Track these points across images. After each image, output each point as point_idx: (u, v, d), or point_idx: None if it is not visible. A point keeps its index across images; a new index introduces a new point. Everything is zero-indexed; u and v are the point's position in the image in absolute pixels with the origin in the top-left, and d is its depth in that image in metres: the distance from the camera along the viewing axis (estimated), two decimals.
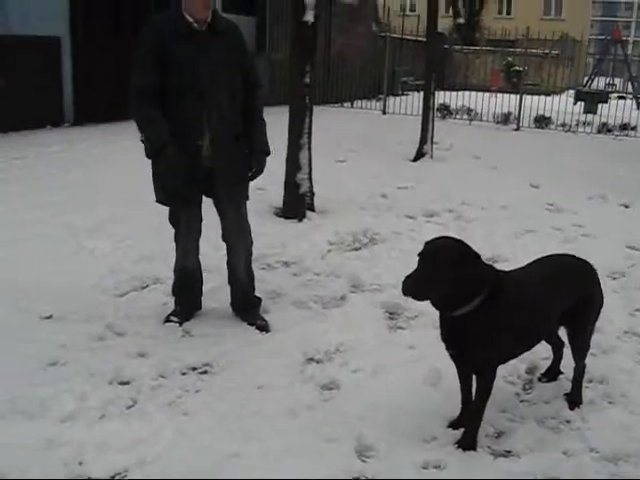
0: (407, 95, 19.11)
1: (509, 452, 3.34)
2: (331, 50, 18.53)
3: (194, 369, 4.00)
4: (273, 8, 16.77)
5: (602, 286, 3.88)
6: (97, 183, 8.02)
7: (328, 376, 3.97)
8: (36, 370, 3.84)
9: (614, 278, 5.97)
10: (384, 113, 17.62)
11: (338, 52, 18.66)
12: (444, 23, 34.06)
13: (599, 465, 3.26)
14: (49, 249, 5.75)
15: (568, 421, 3.63)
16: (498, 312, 3.19)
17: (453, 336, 3.28)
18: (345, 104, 18.14)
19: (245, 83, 4.33)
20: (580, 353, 3.78)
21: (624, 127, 16.59)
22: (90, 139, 10.89)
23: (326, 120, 11.54)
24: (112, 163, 9.12)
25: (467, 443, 3.31)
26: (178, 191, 4.28)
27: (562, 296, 3.56)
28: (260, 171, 4.44)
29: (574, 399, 3.78)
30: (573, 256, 3.89)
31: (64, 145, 10.29)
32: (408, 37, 22.10)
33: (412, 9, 40.23)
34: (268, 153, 4.44)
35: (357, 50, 19.78)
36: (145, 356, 4.09)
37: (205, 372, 3.98)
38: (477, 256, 3.18)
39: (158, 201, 4.40)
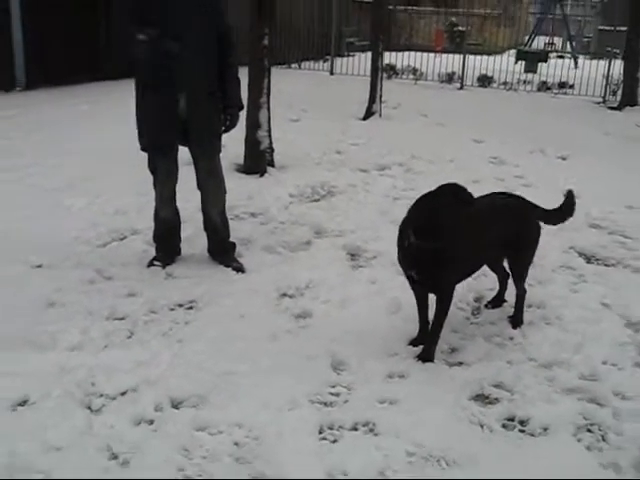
0: (353, 56, 19.46)
1: (461, 363, 3.91)
2: (277, 12, 18.69)
3: (180, 305, 4.46)
4: None
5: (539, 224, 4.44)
6: (59, 145, 8.29)
7: (301, 307, 4.48)
8: (39, 310, 4.26)
9: None
10: (332, 74, 17.96)
11: (284, 14, 18.87)
12: None
13: (536, 370, 3.85)
14: (25, 206, 6.06)
15: (511, 338, 4.21)
16: (458, 239, 3.71)
17: (420, 262, 3.78)
18: (293, 65, 18.41)
19: (220, 43, 4.74)
20: (519, 279, 4.37)
21: (562, 85, 17.28)
22: (45, 103, 11.04)
23: (276, 81, 11.82)
24: (72, 125, 9.38)
25: (426, 356, 3.86)
26: (158, 137, 4.70)
27: (505, 226, 4.12)
28: (234, 125, 4.90)
29: (516, 320, 4.37)
30: (516, 195, 4.46)
31: (19, 109, 10.42)
32: None
33: None
34: (241, 108, 4.91)
35: (303, 11, 20.00)
36: (135, 295, 4.53)
37: (191, 307, 4.45)
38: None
39: (142, 149, 4.81)
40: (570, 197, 4.55)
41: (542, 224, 4.46)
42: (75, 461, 2.95)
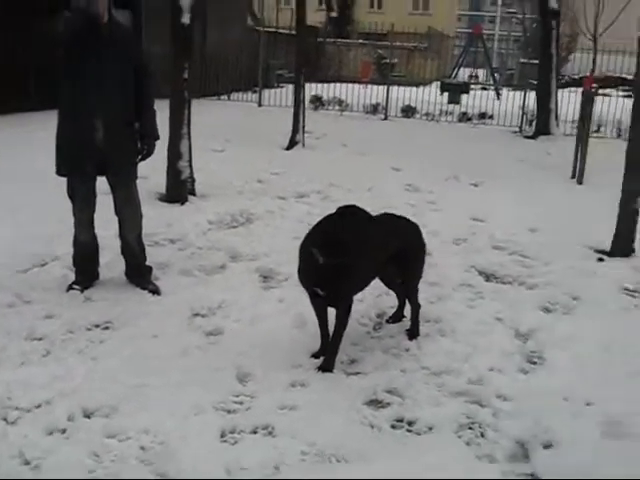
0: (282, 87, 19.90)
1: (359, 372, 4.22)
2: (207, 44, 19.06)
3: (97, 326, 4.67)
4: (147, 3, 17.14)
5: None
6: None
7: (213, 325, 4.74)
8: None
9: (457, 244, 7.00)
10: (260, 105, 18.35)
11: (214, 46, 19.21)
12: (317, 16, 35.16)
13: (428, 378, 4.19)
14: None
15: (407, 349, 4.54)
16: (359, 256, 4.05)
17: (325, 278, 4.10)
18: (222, 97, 18.73)
19: (137, 75, 5.02)
20: (412, 293, 4.74)
21: (482, 116, 18.05)
22: None
23: (203, 112, 12.18)
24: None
25: (326, 366, 4.16)
26: (76, 163, 4.94)
27: (395, 244, 4.48)
28: (150, 154, 5.18)
29: (412, 332, 4.71)
30: (401, 216, 4.89)
31: None
32: (282, 30, 22.89)
33: (287, 2, 41.02)
34: (157, 138, 5.18)
35: (232, 44, 20.38)
36: (53, 317, 4.72)
37: (107, 328, 4.66)
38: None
39: (58, 173, 5.03)
40: None
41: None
42: None
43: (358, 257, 4.07)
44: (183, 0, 7.47)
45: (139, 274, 5.36)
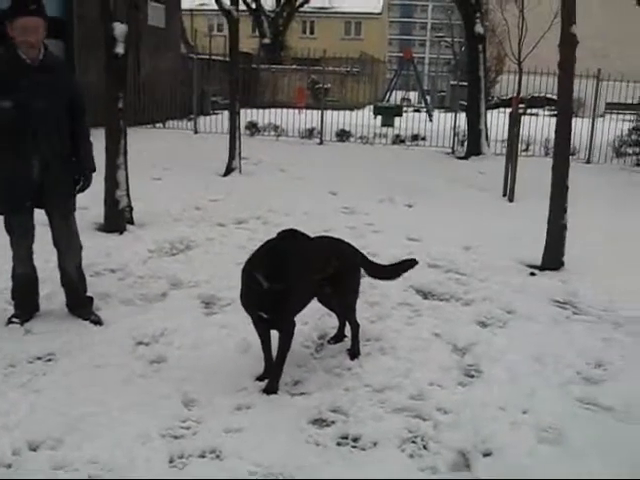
0: (217, 114, 19.95)
1: (303, 393, 4.31)
2: (141, 73, 19.02)
3: (39, 358, 4.64)
4: (80, 33, 17.07)
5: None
6: None
7: (156, 353, 4.77)
8: None
9: None
10: (196, 132, 18.36)
11: (148, 74, 19.19)
12: (251, 43, 35.43)
13: (370, 395, 4.30)
14: None
15: (349, 368, 4.65)
16: (300, 279, 4.18)
17: (269, 302, 4.19)
18: (157, 125, 18.67)
19: (72, 110, 5.04)
20: (350, 313, 4.88)
21: (415, 138, 18.42)
22: None
23: (140, 141, 12.16)
24: None
25: (271, 388, 4.24)
26: (14, 201, 4.94)
27: (332, 266, 4.59)
28: (87, 186, 5.21)
29: (353, 352, 4.83)
30: (337, 238, 5.07)
31: None
32: (216, 57, 22.96)
33: (219, 29, 41.27)
34: (94, 170, 5.22)
35: (167, 72, 20.39)
36: None
37: (49, 360, 4.64)
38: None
39: None
40: (408, 264, 5.10)
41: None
42: None
43: (300, 280, 4.18)
44: (117, 30, 7.53)
45: (80, 305, 5.35)
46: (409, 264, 5.20)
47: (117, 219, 7.83)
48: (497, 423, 4.00)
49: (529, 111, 20.69)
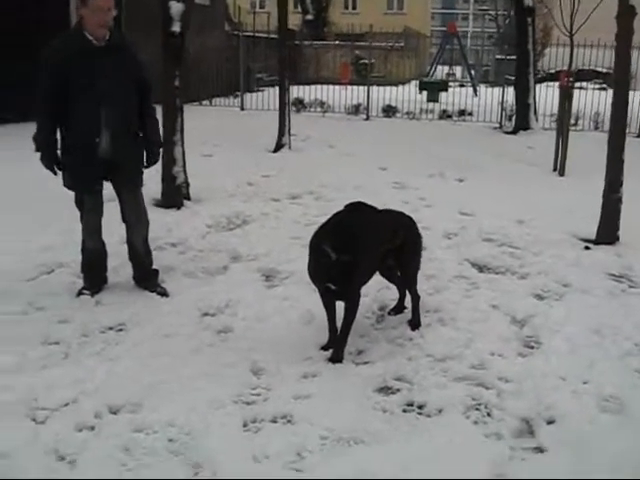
0: (263, 91, 20.04)
1: (367, 362, 4.43)
2: (188, 51, 19.10)
3: (111, 328, 4.84)
4: (129, 11, 17.22)
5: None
6: None
7: (222, 324, 4.93)
8: None
9: (449, 238, 7.23)
10: (242, 109, 18.49)
11: (194, 53, 19.29)
12: (293, 19, 35.27)
13: (432, 364, 4.40)
14: None
15: (411, 339, 4.76)
16: (367, 251, 4.29)
17: (337, 274, 4.29)
18: (204, 102, 18.83)
19: (139, 89, 5.19)
20: (411, 285, 4.98)
21: (462, 113, 18.31)
22: None
23: (188, 118, 12.21)
24: None
25: (336, 357, 4.36)
26: (81, 180, 5.10)
27: (396, 238, 4.69)
28: (155, 161, 5.39)
29: (414, 323, 4.92)
30: (400, 211, 5.13)
31: None
32: (260, 34, 23.02)
33: (262, 6, 41.19)
34: (161, 145, 5.39)
35: (212, 49, 20.49)
36: (67, 322, 4.88)
37: (121, 330, 4.83)
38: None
39: (65, 186, 5.18)
40: None
41: None
42: (24, 464, 3.31)
43: (368, 252, 4.29)
44: (173, 9, 7.65)
45: (146, 278, 5.53)
46: None
47: (175, 195, 8.00)
48: (559, 392, 4.08)
49: (577, 85, 20.40)
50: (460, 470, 3.32)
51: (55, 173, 5.12)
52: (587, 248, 7.02)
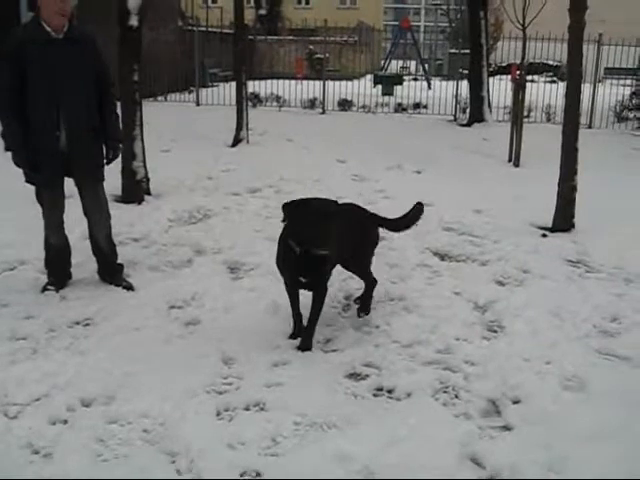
0: (217, 86, 19.95)
1: (335, 350, 4.50)
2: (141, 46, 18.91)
3: (78, 323, 4.83)
4: (81, 2, 16.96)
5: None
6: None
7: (190, 316, 4.96)
8: None
9: None
10: (198, 104, 18.41)
11: (147, 47, 19.06)
12: (247, 14, 35.06)
13: (400, 350, 4.50)
14: None
15: (377, 326, 4.84)
16: (334, 244, 4.35)
17: (309, 267, 4.37)
18: (159, 98, 18.69)
19: (99, 84, 5.16)
20: (366, 272, 5.08)
21: (417, 106, 18.49)
22: None
23: (144, 114, 12.24)
24: None
25: (305, 346, 4.42)
26: (41, 172, 5.05)
27: (355, 230, 4.79)
28: (116, 156, 5.35)
29: (363, 308, 5.06)
30: (358, 205, 5.20)
31: None
32: (214, 29, 22.91)
33: (214, 1, 40.92)
34: (121, 141, 5.35)
35: (165, 44, 20.34)
36: (34, 317, 4.85)
37: (88, 324, 4.82)
38: None
39: (26, 181, 5.15)
40: (417, 208, 5.25)
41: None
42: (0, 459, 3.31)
43: (333, 245, 4.34)
44: (130, 3, 7.60)
45: (111, 272, 5.52)
46: (418, 209, 5.32)
47: (135, 190, 7.97)
48: (523, 373, 4.20)
49: (528, 78, 20.73)
50: (433, 449, 3.41)
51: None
52: (544, 236, 7.19)
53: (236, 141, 12.00)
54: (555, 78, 24.63)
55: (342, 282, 5.51)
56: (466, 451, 3.44)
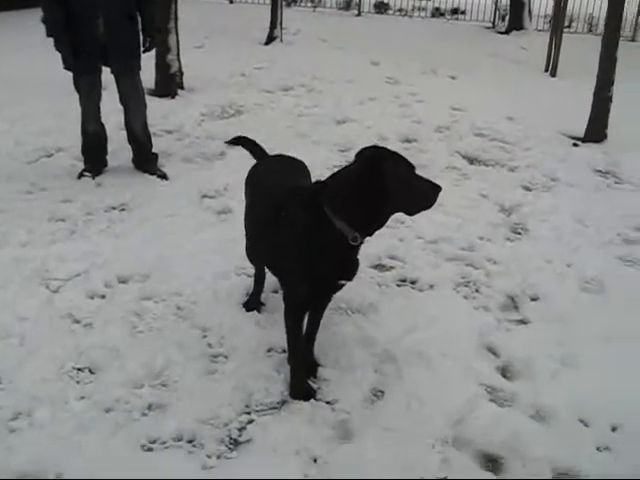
0: None
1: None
2: None
3: (114, 208, 5.00)
4: None
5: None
6: None
7: (222, 205, 5.10)
8: None
9: (440, 131, 7.35)
10: (231, 2, 18.10)
11: None
12: None
13: (424, 245, 4.65)
14: None
15: (402, 222, 4.89)
16: None
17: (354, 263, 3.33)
18: None
19: None
20: None
21: (455, 11, 18.04)
22: None
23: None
24: None
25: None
26: (80, 60, 5.13)
27: None
28: (153, 45, 5.40)
29: None
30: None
31: None
32: None
33: None
34: (159, 30, 5.38)
35: None
36: (71, 201, 5.03)
37: (123, 209, 4.99)
38: None
39: (65, 68, 5.22)
40: None
41: None
42: (44, 326, 3.52)
43: None
44: None
45: (146, 161, 5.65)
46: None
47: (169, 83, 8.01)
48: (543, 273, 4.33)
49: None
50: (451, 337, 3.57)
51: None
52: (575, 145, 7.17)
53: (269, 39, 11.88)
54: None
55: None
56: (483, 341, 3.59)
